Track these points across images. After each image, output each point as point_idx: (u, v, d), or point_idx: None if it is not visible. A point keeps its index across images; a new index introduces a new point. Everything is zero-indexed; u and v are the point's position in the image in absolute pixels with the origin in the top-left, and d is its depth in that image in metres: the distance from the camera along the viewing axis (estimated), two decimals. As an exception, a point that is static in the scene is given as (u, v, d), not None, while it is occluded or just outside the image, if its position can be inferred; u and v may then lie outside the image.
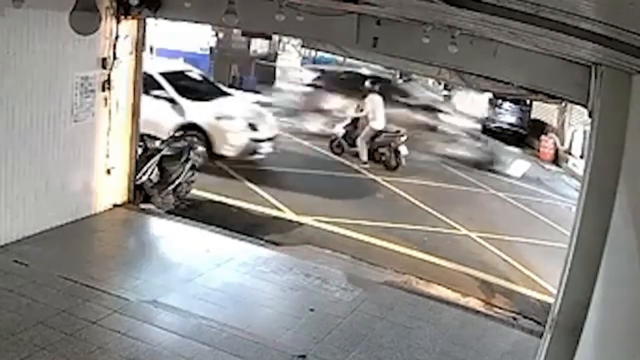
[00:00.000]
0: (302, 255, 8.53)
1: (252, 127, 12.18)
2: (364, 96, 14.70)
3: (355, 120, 14.60)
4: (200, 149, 11.21)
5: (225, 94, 13.61)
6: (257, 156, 12.37)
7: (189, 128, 11.60)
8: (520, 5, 3.54)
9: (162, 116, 11.46)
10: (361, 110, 14.57)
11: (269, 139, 12.61)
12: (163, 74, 12.11)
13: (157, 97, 11.59)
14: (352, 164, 14.15)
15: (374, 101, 14.50)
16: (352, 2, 6.24)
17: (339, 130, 14.90)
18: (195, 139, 11.14)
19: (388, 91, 19.29)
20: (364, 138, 14.23)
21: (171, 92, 11.88)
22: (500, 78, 7.23)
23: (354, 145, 14.42)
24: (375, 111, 14.39)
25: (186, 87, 12.42)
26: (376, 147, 14.07)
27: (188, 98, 11.95)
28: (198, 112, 11.84)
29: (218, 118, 11.90)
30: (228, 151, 11.82)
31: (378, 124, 14.31)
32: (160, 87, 11.82)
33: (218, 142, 11.71)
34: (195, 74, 13.78)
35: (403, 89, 27.42)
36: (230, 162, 12.06)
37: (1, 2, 6.31)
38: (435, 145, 17.50)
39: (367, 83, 15.69)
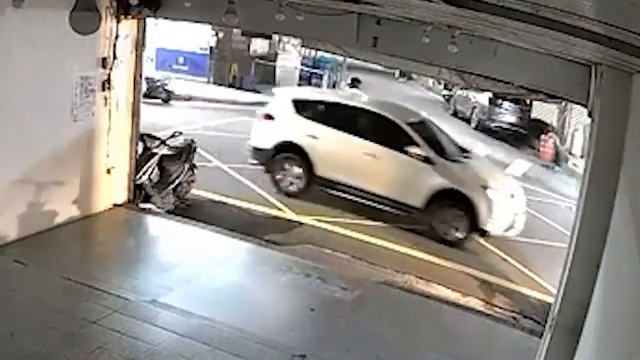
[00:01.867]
0: (302, 255, 8.53)
1: (511, 196, 10.36)
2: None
3: None
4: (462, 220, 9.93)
5: (465, 151, 11.27)
6: (513, 232, 10.26)
7: (444, 196, 9.96)
8: (520, 5, 3.54)
9: (414, 178, 10.10)
10: None
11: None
12: (411, 125, 10.43)
13: (404, 152, 10.15)
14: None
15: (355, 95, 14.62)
16: (352, 2, 6.25)
17: None
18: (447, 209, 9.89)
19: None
20: None
21: (426, 149, 10.12)
22: (501, 78, 7.24)
23: None
24: None
25: (435, 142, 10.53)
26: None
27: (440, 157, 10.21)
28: (460, 176, 10.05)
29: (484, 187, 9.95)
30: (495, 227, 9.95)
31: None
32: (410, 141, 10.18)
33: (484, 216, 9.78)
34: (432, 124, 11.50)
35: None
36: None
37: (1, 2, 6.31)
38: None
39: (348, 80, 15.88)
